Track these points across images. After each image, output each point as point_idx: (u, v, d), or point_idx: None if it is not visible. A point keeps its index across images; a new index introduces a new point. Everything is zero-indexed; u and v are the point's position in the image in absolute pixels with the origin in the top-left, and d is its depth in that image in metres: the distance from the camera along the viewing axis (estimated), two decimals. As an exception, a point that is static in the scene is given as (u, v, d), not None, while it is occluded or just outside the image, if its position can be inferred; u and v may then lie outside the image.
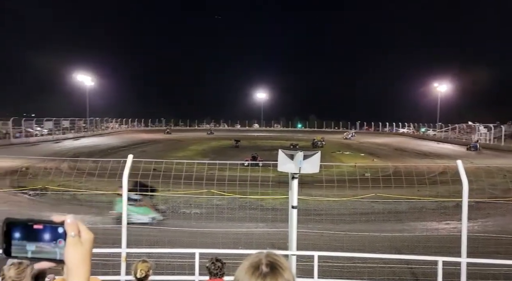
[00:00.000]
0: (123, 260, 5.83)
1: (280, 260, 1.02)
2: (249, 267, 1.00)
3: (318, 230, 9.52)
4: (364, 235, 9.81)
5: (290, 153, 5.71)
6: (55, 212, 10.65)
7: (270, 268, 0.98)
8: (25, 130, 41.16)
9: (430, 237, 10.79)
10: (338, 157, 35.35)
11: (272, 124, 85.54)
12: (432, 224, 13.02)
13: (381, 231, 10.45)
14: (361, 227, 10.87)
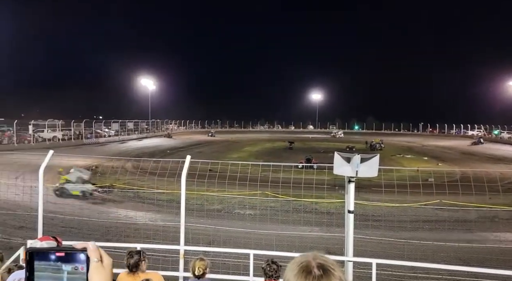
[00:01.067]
0: (181, 257, 6.03)
1: (329, 261, 1.01)
2: (299, 271, 0.98)
3: (376, 236, 9.09)
4: (427, 244, 9.18)
5: (346, 156, 5.51)
6: (121, 208, 11.36)
7: (323, 270, 0.96)
8: (95, 132, 44.85)
9: (504, 250, 9.78)
10: (399, 160, 33.60)
11: (328, 126, 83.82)
12: (506, 235, 11.79)
13: (446, 240, 9.70)
14: (423, 236, 10.19)
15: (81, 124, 42.73)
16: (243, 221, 11.77)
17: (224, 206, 14.05)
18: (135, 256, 3.68)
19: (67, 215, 10.88)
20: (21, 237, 8.89)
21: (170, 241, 6.91)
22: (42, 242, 3.09)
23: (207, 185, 9.92)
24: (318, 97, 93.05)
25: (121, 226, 10.92)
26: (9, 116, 36.74)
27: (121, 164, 20.62)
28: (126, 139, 47.25)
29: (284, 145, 47.86)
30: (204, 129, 74.41)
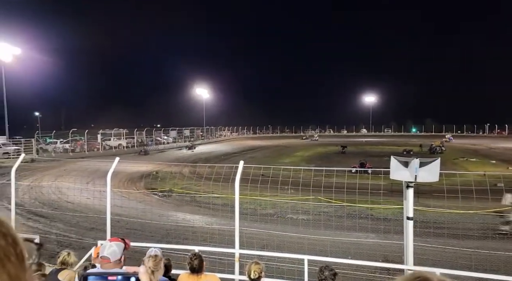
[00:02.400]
0: (236, 260, 6.19)
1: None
2: None
3: (439, 245, 8.55)
4: (498, 254, 8.42)
5: (404, 160, 5.30)
6: (179, 211, 11.88)
7: None
8: (155, 139, 47.57)
9: None
10: (462, 164, 31.21)
11: (382, 129, 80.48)
12: None
13: (522, 251, 8.82)
14: (494, 245, 9.37)
15: (142, 133, 45.67)
16: (296, 226, 11.72)
17: (276, 211, 14.11)
18: (198, 258, 3.87)
19: (131, 218, 11.65)
20: (92, 238, 9.69)
21: (226, 244, 7.12)
22: (111, 243, 3.39)
23: (259, 190, 10.08)
24: (371, 99, 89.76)
25: (180, 229, 11.44)
26: (82, 127, 40.40)
27: (179, 170, 21.63)
28: (183, 146, 49.42)
29: (337, 149, 46.82)
30: (256, 135, 75.32)
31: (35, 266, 4.23)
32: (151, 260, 3.32)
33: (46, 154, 34.00)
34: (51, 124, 66.51)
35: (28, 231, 11.39)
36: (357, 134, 78.42)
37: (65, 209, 14.49)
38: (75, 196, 14.73)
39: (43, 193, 17.41)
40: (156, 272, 3.33)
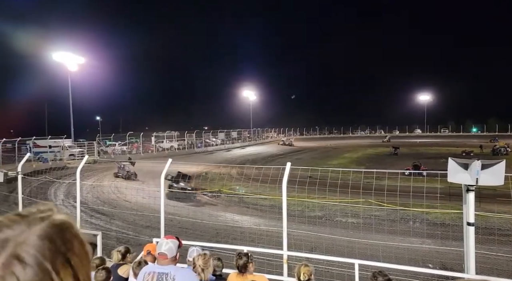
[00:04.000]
0: (285, 261, 6.19)
1: None
2: None
3: (505, 253, 7.88)
4: None
5: (463, 162, 4.97)
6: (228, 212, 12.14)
7: None
8: (205, 141, 49.06)
9: None
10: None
11: (438, 129, 75.76)
12: None
13: None
14: None
15: (193, 135, 47.35)
16: (346, 229, 11.44)
17: (325, 213, 13.87)
18: (243, 257, 3.93)
19: (183, 217, 12.11)
20: (148, 235, 10.22)
21: (274, 246, 7.15)
22: (167, 240, 3.56)
23: (307, 192, 9.98)
24: (426, 97, 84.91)
25: (229, 229, 11.68)
26: (137, 130, 42.89)
27: (227, 171, 22.10)
28: (231, 148, 50.43)
29: (388, 150, 44.91)
30: (303, 136, 74.63)
31: (98, 260, 4.56)
32: (201, 258, 3.44)
33: (106, 155, 36.49)
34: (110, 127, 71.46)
35: (91, 227, 12.31)
36: (411, 134, 74.60)
37: (123, 208, 15.45)
38: (132, 195, 15.63)
39: (104, 192, 18.72)
40: (206, 270, 3.45)
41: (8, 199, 14.43)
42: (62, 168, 19.24)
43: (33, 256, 0.52)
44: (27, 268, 0.51)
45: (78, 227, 0.62)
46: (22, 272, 0.51)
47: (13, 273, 0.50)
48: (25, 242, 0.52)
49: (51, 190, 18.14)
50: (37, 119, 79.68)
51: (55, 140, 34.63)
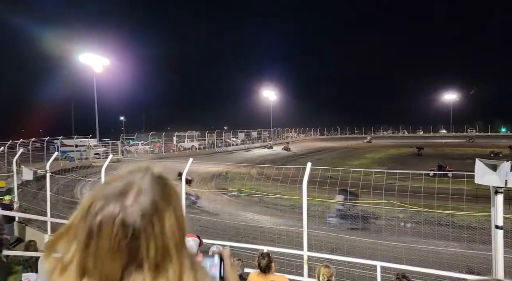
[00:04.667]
0: (305, 262, 6.16)
1: None
2: None
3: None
4: None
5: (492, 163, 4.79)
6: (248, 211, 12.17)
7: None
8: (225, 141, 49.44)
9: None
10: None
11: (465, 129, 73.34)
12: None
13: None
14: None
15: (213, 135, 47.80)
16: (368, 230, 11.25)
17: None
18: (266, 257, 3.94)
19: (204, 216, 12.26)
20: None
21: (294, 246, 7.12)
22: (188, 238, 3.65)
23: (328, 193, 9.88)
24: (452, 97, 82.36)
25: (249, 229, 11.71)
26: (159, 129, 43.71)
27: (247, 171, 22.16)
28: (251, 147, 50.58)
29: (412, 151, 43.86)
30: (323, 136, 73.93)
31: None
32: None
33: (129, 155, 37.35)
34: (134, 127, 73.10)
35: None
36: (435, 134, 72.56)
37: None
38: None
39: (127, 190, 19.08)
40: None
41: (37, 196, 15.00)
42: (87, 166, 19.82)
43: (150, 193, 0.72)
44: (147, 200, 0.71)
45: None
46: (144, 203, 0.70)
47: (140, 203, 0.70)
48: (144, 184, 0.73)
49: (77, 188, 18.73)
50: (64, 119, 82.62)
51: (81, 140, 35.78)
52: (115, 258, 0.67)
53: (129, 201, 0.70)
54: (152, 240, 0.69)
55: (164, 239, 0.70)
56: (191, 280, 0.75)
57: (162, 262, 0.70)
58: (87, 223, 0.69)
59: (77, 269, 0.68)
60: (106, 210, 0.68)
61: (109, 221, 0.67)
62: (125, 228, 0.67)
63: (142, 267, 0.68)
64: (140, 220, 0.68)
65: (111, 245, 0.66)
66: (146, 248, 0.68)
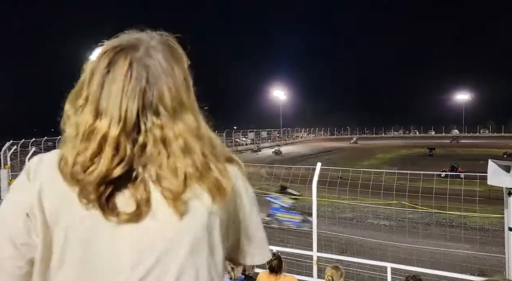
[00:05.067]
0: (314, 263, 6.14)
1: None
2: None
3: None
4: None
5: (505, 164, 4.71)
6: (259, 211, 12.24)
7: None
8: (234, 140, 49.58)
9: None
10: None
11: (478, 130, 72.16)
12: None
13: None
14: None
15: (223, 134, 48.05)
16: (377, 231, 11.17)
17: (356, 215, 13.57)
18: (276, 258, 3.94)
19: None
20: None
21: (303, 246, 7.10)
22: None
23: (338, 193, 9.84)
24: (464, 97, 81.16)
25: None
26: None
27: (256, 171, 22.15)
28: (260, 147, 50.57)
29: (423, 151, 43.32)
30: (334, 136, 73.56)
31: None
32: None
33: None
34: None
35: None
36: (447, 135, 71.55)
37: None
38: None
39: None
40: (236, 269, 3.50)
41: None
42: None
43: (161, 50, 0.72)
44: (158, 55, 0.71)
45: None
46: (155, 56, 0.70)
47: (152, 57, 0.70)
48: (152, 43, 0.72)
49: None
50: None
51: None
52: (130, 99, 0.66)
53: (140, 53, 0.69)
54: (167, 89, 0.69)
55: (178, 91, 0.71)
56: (206, 128, 0.78)
57: (179, 111, 0.70)
58: (101, 64, 0.69)
59: (92, 109, 0.67)
60: (120, 53, 0.69)
61: (124, 61, 0.68)
62: (140, 68, 0.68)
63: (159, 113, 0.68)
64: (154, 65, 0.69)
65: (124, 84, 0.66)
66: (161, 95, 0.68)
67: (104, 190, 0.64)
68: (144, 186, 0.67)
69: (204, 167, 0.71)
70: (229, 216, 0.76)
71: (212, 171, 0.72)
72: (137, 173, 0.67)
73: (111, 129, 0.65)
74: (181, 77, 0.73)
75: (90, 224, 0.66)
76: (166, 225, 0.67)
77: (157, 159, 0.67)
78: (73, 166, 0.66)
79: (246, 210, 0.82)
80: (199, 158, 0.71)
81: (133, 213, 0.65)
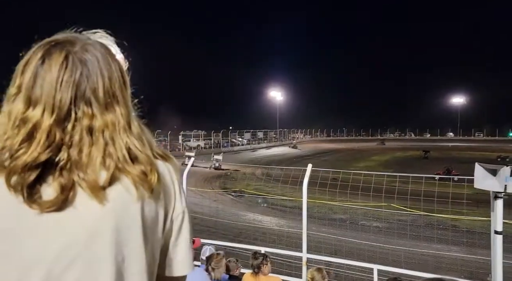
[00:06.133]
0: (304, 264, 6.15)
1: None
2: None
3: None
4: None
5: (491, 168, 4.76)
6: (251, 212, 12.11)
7: None
8: (231, 141, 49.49)
9: None
10: None
11: (473, 133, 72.51)
12: None
13: None
14: None
15: (219, 134, 47.86)
16: (367, 233, 11.20)
17: (347, 217, 13.62)
18: (259, 258, 3.94)
19: (206, 216, 12.27)
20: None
21: (294, 247, 7.11)
22: None
23: (330, 194, 9.85)
24: (460, 100, 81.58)
25: (251, 229, 11.73)
26: (165, 128, 43.74)
27: (251, 171, 22.18)
28: (257, 148, 50.57)
29: (418, 154, 43.50)
30: (330, 137, 73.63)
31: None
32: (213, 258, 3.51)
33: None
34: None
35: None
36: (442, 138, 71.85)
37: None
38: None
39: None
40: (217, 269, 3.51)
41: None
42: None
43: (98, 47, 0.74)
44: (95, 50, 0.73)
45: None
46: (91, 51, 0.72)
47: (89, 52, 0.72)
48: (89, 41, 0.75)
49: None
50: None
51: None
52: (64, 90, 0.68)
53: (77, 48, 0.71)
54: (101, 83, 0.71)
55: (112, 86, 0.73)
56: (137, 123, 0.78)
57: (110, 104, 0.72)
58: (35, 55, 0.70)
59: (25, 98, 0.68)
60: (56, 46, 0.70)
61: (59, 53, 0.69)
62: (75, 61, 0.70)
63: (91, 104, 0.70)
64: (90, 60, 0.71)
65: (59, 75, 0.68)
66: (95, 87, 0.71)
67: (28, 177, 0.64)
68: (68, 174, 0.67)
69: (129, 158, 0.72)
70: (156, 211, 0.75)
71: (138, 164, 0.72)
72: (62, 161, 0.67)
73: (44, 117, 0.67)
74: (117, 73, 0.75)
75: (15, 212, 0.65)
76: (87, 213, 0.67)
77: (83, 148, 0.69)
78: (0, 152, 0.66)
79: (176, 210, 0.81)
80: (123, 150, 0.72)
81: (54, 201, 0.65)
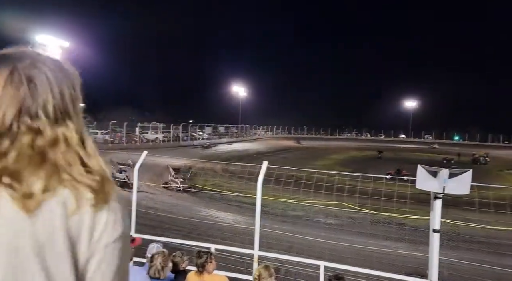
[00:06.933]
0: (255, 261, 6.17)
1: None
2: None
3: (471, 261, 8.05)
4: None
5: (432, 170, 5.05)
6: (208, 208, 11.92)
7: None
8: (191, 135, 48.64)
9: None
10: (508, 177, 29.17)
11: (422, 135, 76.99)
12: None
13: None
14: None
15: (179, 128, 46.81)
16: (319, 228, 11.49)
17: (302, 214, 13.90)
18: (204, 256, 3.87)
19: (161, 211, 11.99)
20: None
21: (248, 244, 7.12)
22: None
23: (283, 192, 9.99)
24: (412, 104, 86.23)
25: (205, 226, 11.61)
26: (122, 120, 41.88)
27: (211, 166, 21.99)
28: (217, 143, 50.13)
29: (372, 154, 45.48)
30: (291, 135, 74.84)
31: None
32: (160, 256, 3.42)
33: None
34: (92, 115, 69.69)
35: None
36: (395, 139, 75.68)
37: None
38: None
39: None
40: (165, 267, 3.43)
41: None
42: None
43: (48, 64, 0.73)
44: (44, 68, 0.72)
45: None
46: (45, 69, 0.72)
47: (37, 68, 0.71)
48: (38, 57, 0.74)
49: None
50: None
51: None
52: (8, 106, 0.67)
53: (25, 64, 0.71)
54: (50, 99, 0.71)
55: (62, 101, 0.73)
56: (89, 137, 0.78)
57: (61, 119, 0.73)
58: None
59: None
60: (3, 61, 0.71)
61: (5, 69, 0.69)
62: (21, 77, 0.69)
63: (39, 119, 0.70)
64: (39, 76, 0.71)
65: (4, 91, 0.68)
66: (43, 103, 0.70)
67: None
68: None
69: (77, 173, 0.72)
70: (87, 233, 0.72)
71: (85, 178, 0.72)
72: None
73: None
74: (69, 90, 0.75)
75: None
76: (11, 224, 0.66)
77: (19, 161, 0.68)
78: None
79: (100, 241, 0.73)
80: (75, 165, 0.72)
81: None
